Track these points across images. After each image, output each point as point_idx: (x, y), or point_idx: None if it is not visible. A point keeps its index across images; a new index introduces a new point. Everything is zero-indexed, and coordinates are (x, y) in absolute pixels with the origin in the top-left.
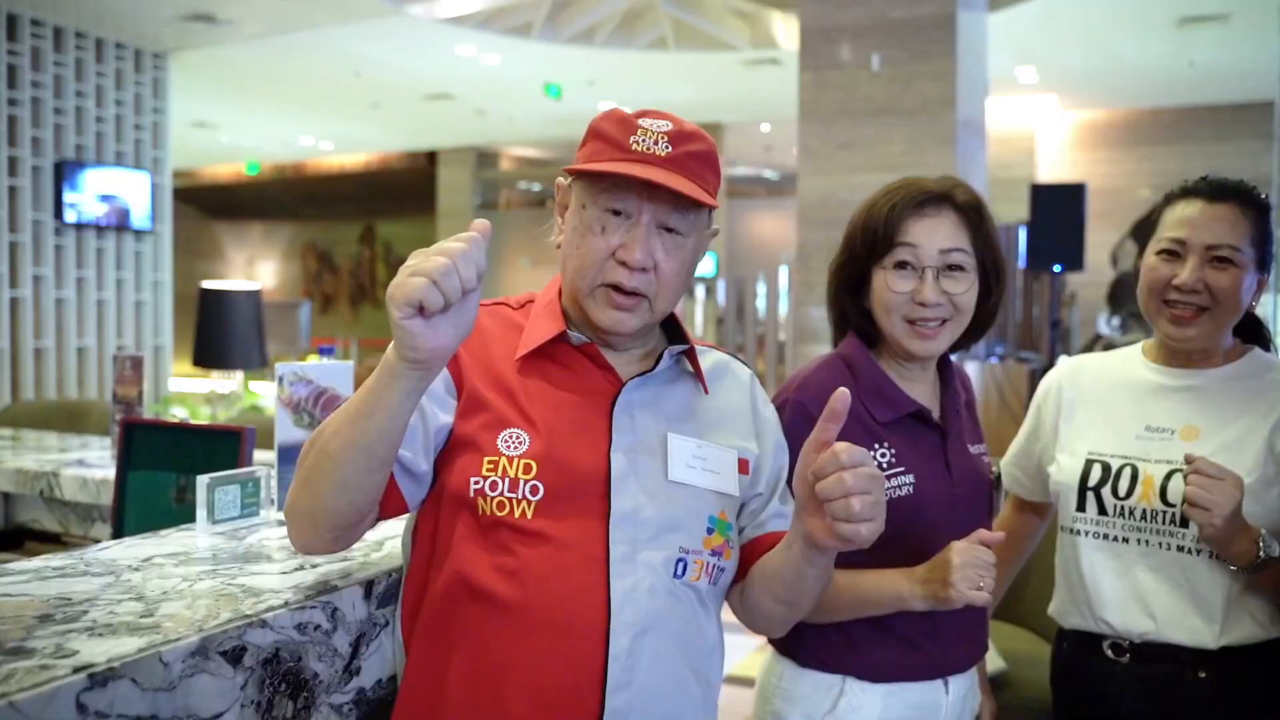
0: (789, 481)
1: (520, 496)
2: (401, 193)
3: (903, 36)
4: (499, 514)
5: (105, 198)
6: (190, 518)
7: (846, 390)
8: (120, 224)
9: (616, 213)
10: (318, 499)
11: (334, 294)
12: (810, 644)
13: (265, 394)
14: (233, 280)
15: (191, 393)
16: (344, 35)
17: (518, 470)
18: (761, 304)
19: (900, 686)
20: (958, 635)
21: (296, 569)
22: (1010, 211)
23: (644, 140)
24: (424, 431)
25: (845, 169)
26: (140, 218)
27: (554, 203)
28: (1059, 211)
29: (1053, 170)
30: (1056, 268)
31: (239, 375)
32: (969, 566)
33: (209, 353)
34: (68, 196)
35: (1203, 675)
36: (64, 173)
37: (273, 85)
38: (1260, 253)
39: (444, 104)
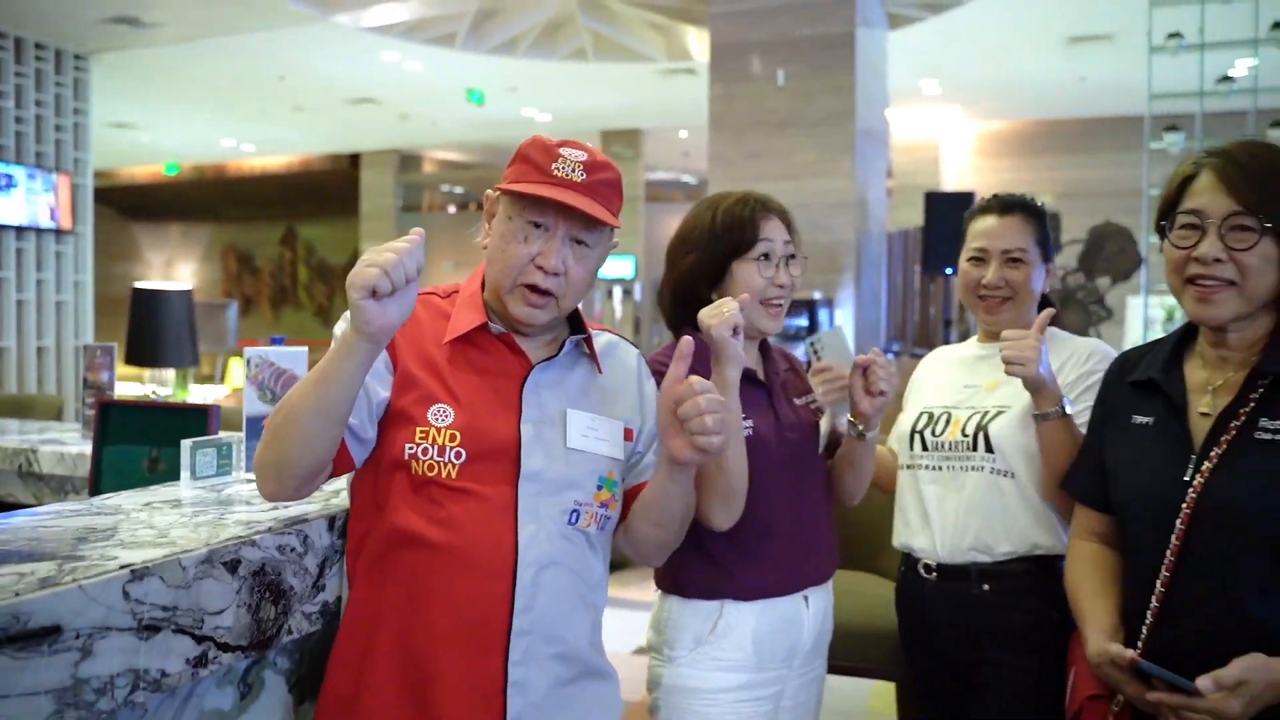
0: None
1: (446, 460)
2: (323, 195)
3: (806, 53)
4: (429, 474)
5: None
6: (161, 483)
7: (690, 338)
8: (41, 225)
9: (537, 225)
10: (286, 453)
11: (255, 295)
12: (693, 577)
13: (194, 392)
14: (154, 281)
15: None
16: (269, 40)
17: (445, 439)
18: None
19: (768, 604)
20: (811, 555)
21: (272, 509)
22: (915, 217)
23: (564, 168)
24: (368, 404)
25: (754, 177)
26: (61, 218)
27: (478, 207)
28: (951, 218)
29: (958, 177)
30: (949, 270)
31: (170, 374)
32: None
33: (142, 351)
34: None
35: (986, 588)
36: None
37: (196, 88)
38: (1044, 250)
39: (367, 108)
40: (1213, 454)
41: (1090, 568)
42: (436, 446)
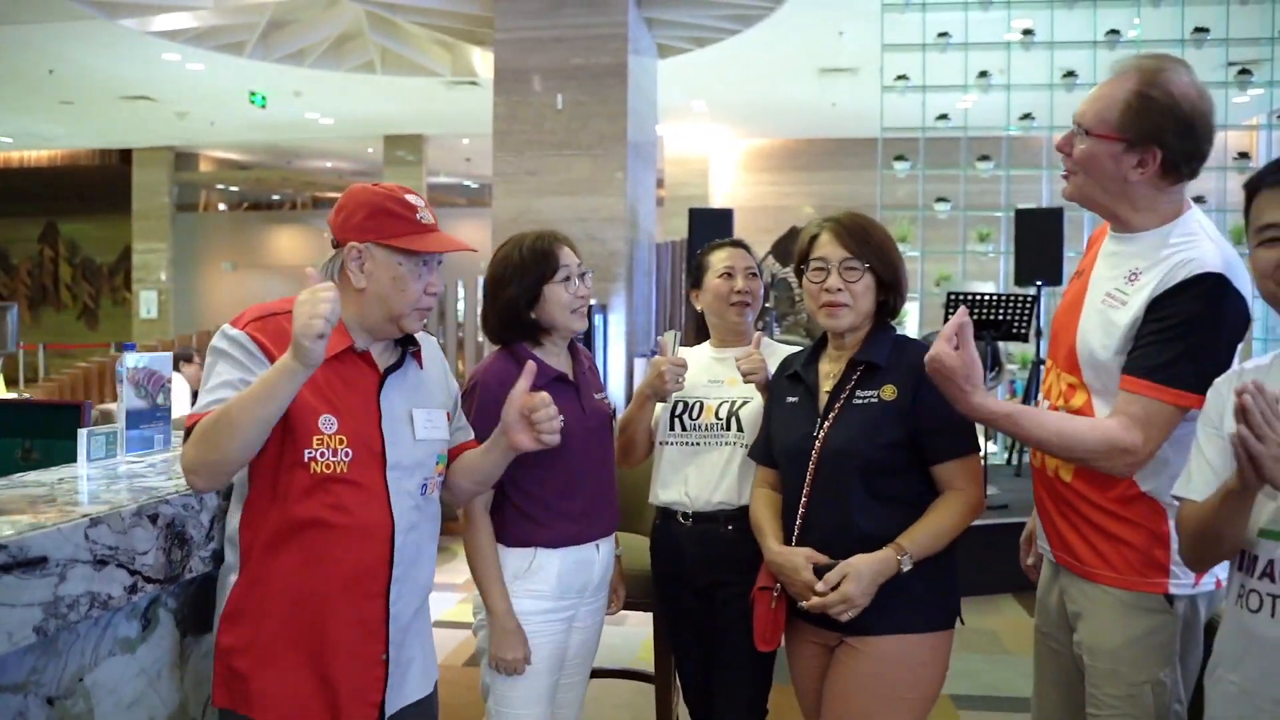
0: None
1: (339, 459)
2: (90, 191)
3: (582, 80)
4: (326, 471)
5: None
6: (34, 470)
7: (533, 363)
8: None
9: (425, 263)
10: (226, 454)
11: (10, 295)
12: (514, 530)
13: None
14: None
15: None
16: (39, 32)
17: (335, 443)
18: (461, 307)
19: (569, 550)
20: (600, 516)
21: (170, 479)
22: (685, 227)
23: (423, 215)
24: None
25: (533, 192)
26: None
27: (252, 207)
28: (712, 232)
29: (726, 190)
30: None
31: None
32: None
33: None
34: None
35: (730, 528)
36: None
37: None
38: (768, 284)
39: (142, 105)
40: (829, 416)
41: (764, 505)
42: (330, 449)
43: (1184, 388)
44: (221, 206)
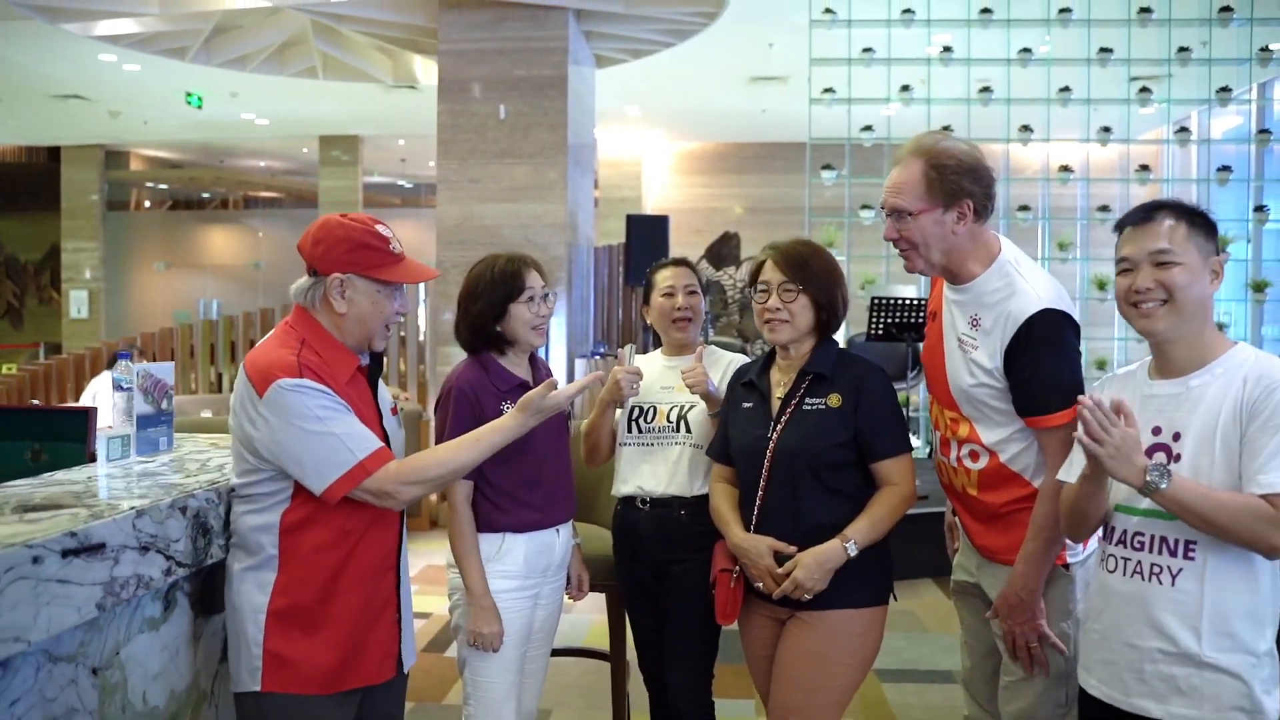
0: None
1: None
2: (15, 189)
3: (524, 91)
4: None
5: None
6: (42, 472)
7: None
8: None
9: (397, 287)
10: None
11: None
12: (485, 517)
13: None
14: None
15: None
16: None
17: None
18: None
19: (533, 535)
20: (560, 504)
21: (187, 476)
22: (618, 226)
23: (395, 245)
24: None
25: (476, 199)
26: None
27: (185, 206)
28: (649, 236)
29: (658, 192)
30: None
31: None
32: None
33: None
34: None
35: (683, 513)
36: None
37: None
38: (703, 291)
39: (74, 103)
40: (781, 420)
41: (724, 498)
42: None
43: (1075, 402)
44: (146, 204)
